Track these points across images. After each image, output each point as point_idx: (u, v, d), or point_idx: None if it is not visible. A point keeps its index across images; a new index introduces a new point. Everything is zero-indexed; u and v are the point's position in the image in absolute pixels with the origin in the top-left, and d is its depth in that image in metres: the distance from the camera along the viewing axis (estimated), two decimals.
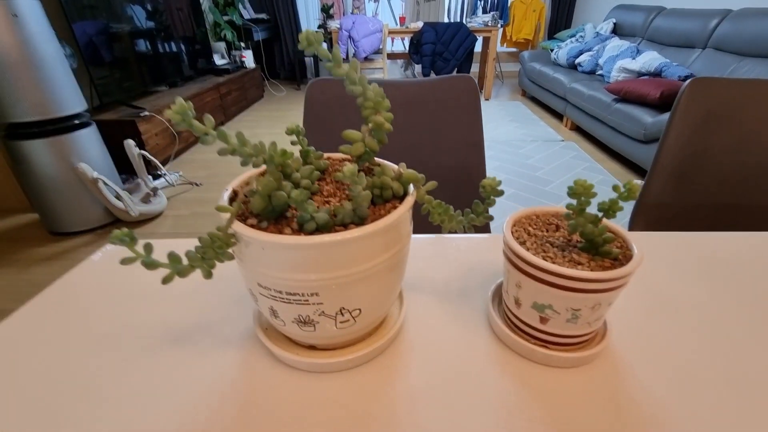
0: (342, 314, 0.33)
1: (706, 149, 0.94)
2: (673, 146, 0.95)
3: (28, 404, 0.34)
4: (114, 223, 2.06)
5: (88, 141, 1.92)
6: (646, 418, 0.33)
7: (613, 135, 2.60)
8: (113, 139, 2.19)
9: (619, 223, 0.36)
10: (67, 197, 1.88)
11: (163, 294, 0.48)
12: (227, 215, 0.29)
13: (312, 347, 0.37)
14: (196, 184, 2.47)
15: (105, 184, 1.90)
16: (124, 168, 2.20)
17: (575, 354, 0.37)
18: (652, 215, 0.98)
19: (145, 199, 2.15)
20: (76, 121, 1.87)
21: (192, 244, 0.30)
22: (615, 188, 0.32)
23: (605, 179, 2.42)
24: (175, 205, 2.26)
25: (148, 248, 0.28)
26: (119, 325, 0.43)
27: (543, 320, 0.36)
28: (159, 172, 2.40)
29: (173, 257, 0.28)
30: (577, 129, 3.29)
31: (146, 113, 2.44)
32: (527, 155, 2.81)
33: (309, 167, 0.34)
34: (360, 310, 0.33)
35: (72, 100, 1.83)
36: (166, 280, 0.28)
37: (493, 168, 2.60)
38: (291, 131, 0.36)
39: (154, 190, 2.22)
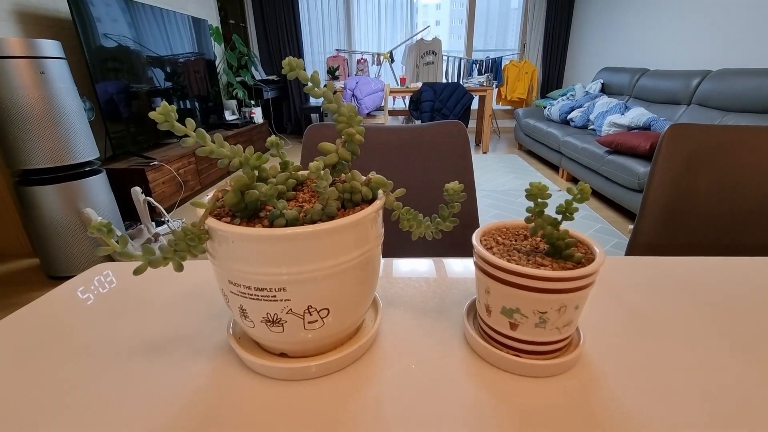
0: (310, 313, 0.33)
1: (690, 191, 0.97)
2: (658, 189, 0.98)
3: (4, 410, 0.34)
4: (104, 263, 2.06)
5: (97, 187, 1.99)
6: (618, 428, 0.32)
7: (608, 184, 2.66)
8: (122, 186, 2.27)
9: None
10: (68, 241, 1.91)
11: (146, 307, 0.48)
12: (202, 211, 0.31)
13: (283, 355, 0.37)
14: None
15: None
16: (130, 214, 2.26)
17: (547, 362, 0.36)
18: (643, 255, 0.98)
19: (147, 245, 2.18)
20: (87, 168, 1.96)
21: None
22: (569, 190, 0.34)
23: (603, 227, 2.43)
24: None
25: (123, 240, 0.29)
26: (97, 337, 0.43)
27: (513, 326, 0.36)
28: (163, 219, 2.45)
29: (146, 249, 0.30)
30: (573, 179, 3.37)
31: (156, 163, 2.54)
32: (525, 204, 2.84)
33: (284, 174, 0.36)
34: (328, 310, 0.34)
35: (85, 149, 1.93)
36: (137, 271, 0.29)
37: (491, 216, 2.64)
38: (271, 144, 0.38)
39: (156, 236, 2.25)
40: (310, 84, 0.38)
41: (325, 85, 0.38)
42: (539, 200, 0.34)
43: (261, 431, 0.32)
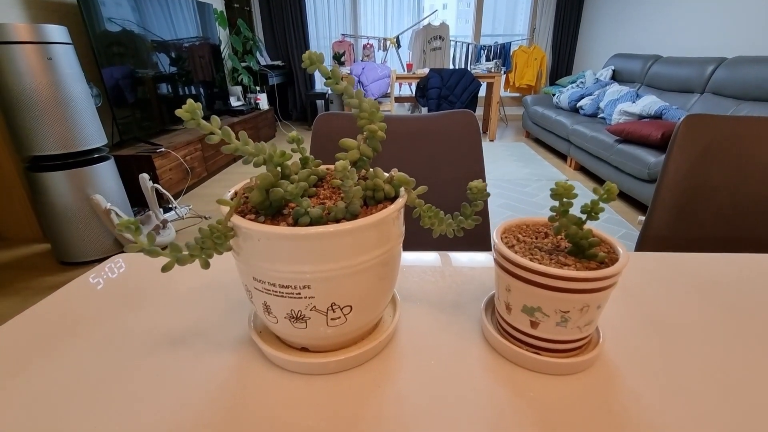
0: (333, 310, 0.34)
1: (704, 183, 0.96)
2: (672, 181, 0.96)
3: (29, 402, 0.35)
4: (121, 254, 2.09)
5: (105, 174, 2.00)
6: (638, 427, 0.32)
7: (617, 174, 2.64)
8: (129, 173, 2.28)
9: None
10: (78, 227, 1.93)
11: (165, 299, 0.49)
12: (227, 209, 0.31)
13: (304, 349, 0.38)
14: (205, 218, 2.52)
15: (117, 215, 1.96)
16: (138, 201, 2.27)
17: (567, 360, 0.36)
18: (654, 249, 0.98)
19: (155, 231, 2.20)
20: (96, 155, 1.96)
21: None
22: (595, 190, 0.33)
23: (611, 217, 2.42)
24: (183, 238, 2.30)
25: (151, 238, 0.30)
26: (121, 327, 0.44)
27: (533, 324, 0.36)
28: (170, 206, 2.46)
29: (174, 246, 0.30)
30: (581, 169, 3.34)
31: (162, 149, 2.54)
32: (532, 194, 2.84)
33: (307, 170, 0.36)
34: (351, 307, 0.34)
35: (93, 135, 1.93)
36: (165, 268, 0.30)
37: (498, 205, 2.63)
38: (291, 140, 0.38)
39: (164, 222, 2.27)
40: (330, 79, 0.38)
41: (343, 78, 0.38)
42: (564, 200, 0.34)
43: (284, 424, 0.32)
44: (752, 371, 0.37)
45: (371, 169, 0.35)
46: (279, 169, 0.33)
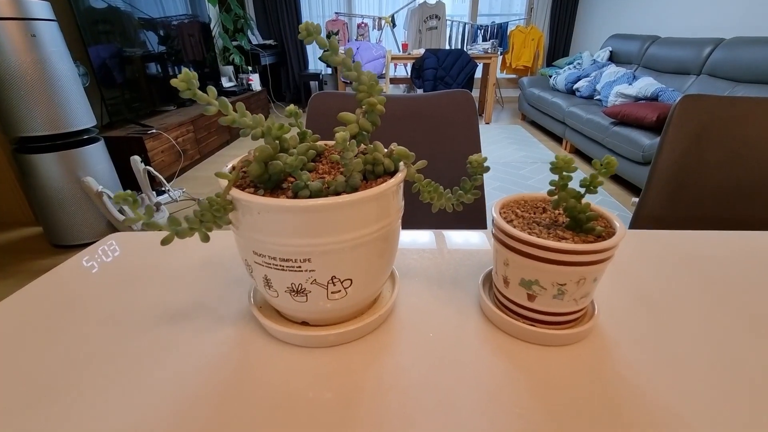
0: (333, 284, 0.34)
1: (699, 163, 0.96)
2: (667, 161, 0.97)
3: (29, 379, 0.35)
4: (115, 233, 2.07)
5: (96, 156, 1.96)
6: (631, 395, 0.33)
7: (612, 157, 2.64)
8: (121, 155, 2.24)
9: None
10: (71, 210, 1.90)
11: (162, 277, 0.49)
12: (225, 182, 0.31)
13: (304, 323, 0.38)
14: (199, 200, 2.50)
15: (109, 197, 1.93)
16: (130, 184, 2.24)
17: (563, 332, 0.37)
18: (647, 228, 0.99)
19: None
20: (85, 137, 1.93)
21: None
22: (594, 164, 0.33)
23: (604, 199, 2.43)
24: None
25: (149, 210, 0.29)
26: (119, 305, 0.44)
27: (530, 297, 0.37)
28: (163, 188, 2.43)
29: (173, 219, 0.30)
30: (577, 151, 3.34)
31: (154, 131, 2.50)
32: (527, 176, 2.84)
33: (305, 144, 0.35)
34: (351, 281, 0.34)
35: (82, 116, 1.89)
36: (165, 241, 0.29)
37: (493, 188, 2.63)
38: (289, 113, 0.38)
39: (157, 205, 2.24)
40: (328, 51, 0.37)
41: (343, 52, 0.37)
42: (564, 173, 0.34)
43: (286, 396, 0.33)
44: (740, 343, 0.38)
45: (371, 144, 0.35)
46: (277, 142, 0.33)
